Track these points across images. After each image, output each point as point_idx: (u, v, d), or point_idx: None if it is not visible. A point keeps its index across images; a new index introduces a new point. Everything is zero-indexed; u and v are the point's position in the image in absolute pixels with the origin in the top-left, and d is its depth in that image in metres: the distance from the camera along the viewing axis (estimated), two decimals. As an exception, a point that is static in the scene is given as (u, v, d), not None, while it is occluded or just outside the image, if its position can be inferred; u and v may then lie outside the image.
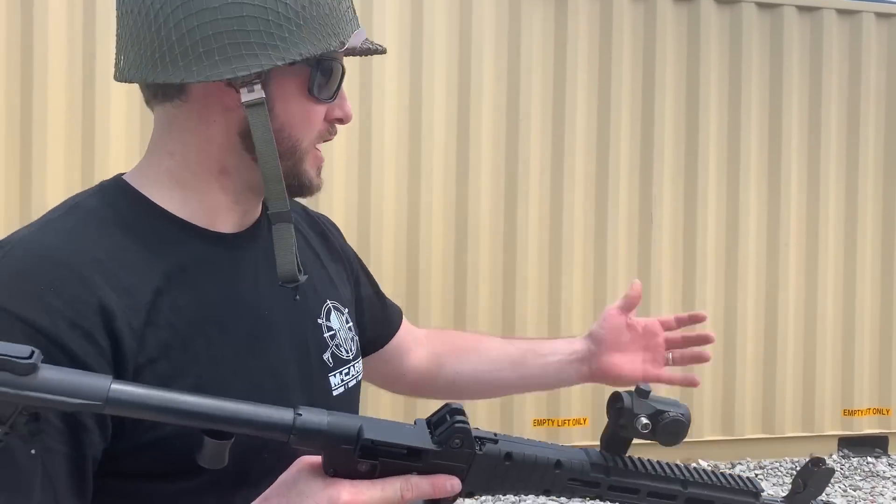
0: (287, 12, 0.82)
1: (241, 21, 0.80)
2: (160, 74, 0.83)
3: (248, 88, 0.83)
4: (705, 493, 0.93)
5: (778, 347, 4.90)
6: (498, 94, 4.50)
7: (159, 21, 0.81)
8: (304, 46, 0.83)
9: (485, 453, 0.80)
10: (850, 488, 4.55)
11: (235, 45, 0.81)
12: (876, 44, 5.05)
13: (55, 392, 0.63)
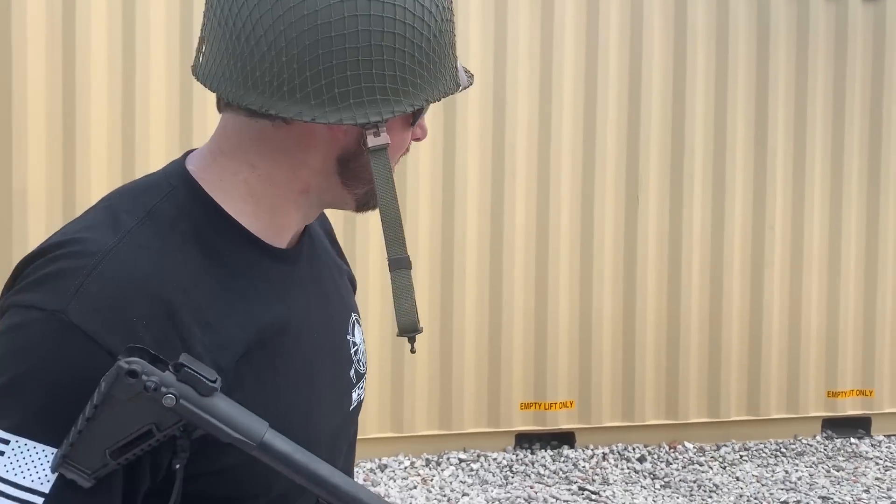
0: (421, 56, 0.78)
1: (381, 64, 0.76)
2: (264, 101, 0.76)
3: (374, 133, 0.78)
4: None
5: (763, 330, 4.93)
6: (484, 86, 4.48)
7: (292, 52, 0.74)
8: (430, 91, 0.80)
9: None
10: (833, 469, 4.60)
11: (371, 90, 0.76)
12: (861, 28, 5.06)
13: (220, 420, 0.69)
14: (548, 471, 4.40)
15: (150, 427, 0.68)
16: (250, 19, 0.74)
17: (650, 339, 4.76)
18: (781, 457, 4.77)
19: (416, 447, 4.44)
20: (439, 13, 0.79)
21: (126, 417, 0.67)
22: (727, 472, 4.50)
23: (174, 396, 0.67)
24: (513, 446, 4.62)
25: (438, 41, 0.80)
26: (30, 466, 0.67)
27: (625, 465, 4.54)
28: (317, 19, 0.73)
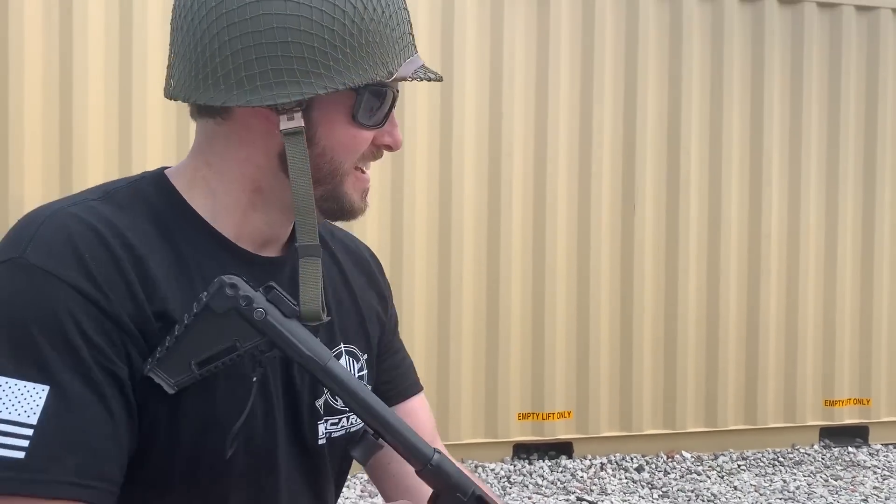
0: (334, 39, 0.81)
1: (286, 46, 0.80)
2: (202, 95, 0.83)
3: (287, 116, 0.83)
4: None
5: (759, 338, 4.93)
6: (480, 93, 4.49)
7: (205, 40, 0.82)
8: (348, 75, 0.82)
9: None
10: (831, 478, 4.60)
11: (278, 72, 0.80)
12: (856, 37, 5.09)
13: (297, 340, 0.78)
14: (546, 481, 4.39)
15: (235, 342, 0.77)
16: (184, 22, 0.84)
17: (647, 348, 4.76)
18: (779, 466, 4.76)
19: (414, 458, 4.42)
20: (366, 2, 0.82)
21: (215, 332, 0.77)
22: (725, 482, 4.49)
23: (263, 311, 0.77)
24: (510, 457, 4.61)
25: (361, 28, 0.82)
26: (14, 402, 0.70)
27: (623, 475, 4.53)
28: (225, 7, 0.80)
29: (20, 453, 0.69)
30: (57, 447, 0.71)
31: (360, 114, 0.85)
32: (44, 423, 0.70)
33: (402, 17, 0.86)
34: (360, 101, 0.85)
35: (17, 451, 0.69)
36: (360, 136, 0.87)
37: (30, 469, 0.69)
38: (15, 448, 0.69)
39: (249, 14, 0.80)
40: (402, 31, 0.86)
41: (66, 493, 0.71)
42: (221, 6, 0.81)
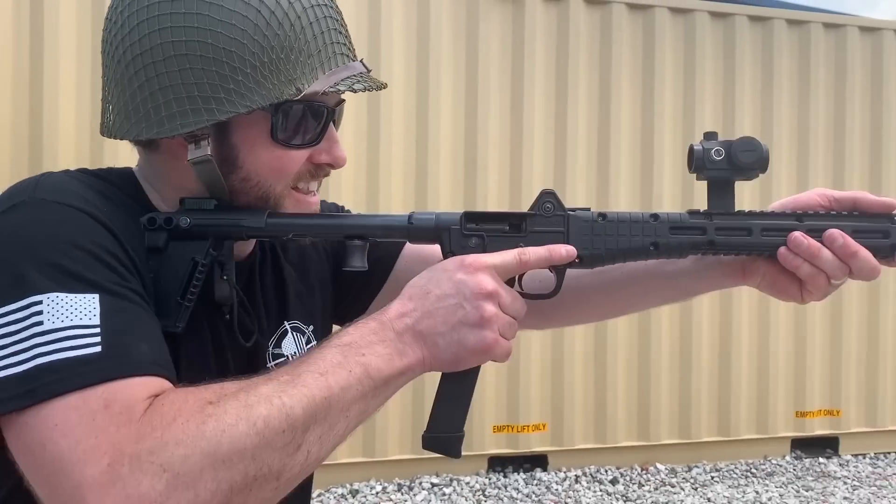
0: (233, 61, 0.80)
1: (186, 74, 0.80)
2: (118, 130, 0.85)
3: (195, 145, 0.83)
4: (827, 223, 0.88)
5: (732, 351, 4.97)
6: (456, 97, 4.50)
7: (117, 75, 0.84)
8: (251, 98, 0.81)
9: (577, 214, 0.88)
10: (802, 489, 4.64)
11: (180, 100, 0.80)
12: (824, 52, 5.19)
13: (231, 216, 0.89)
14: (521, 494, 4.37)
15: (192, 258, 0.85)
16: (105, 58, 0.86)
17: (621, 360, 4.78)
18: (752, 477, 4.79)
19: (388, 472, 4.39)
20: (269, 20, 0.81)
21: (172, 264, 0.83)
22: (699, 494, 4.51)
23: (187, 219, 0.86)
24: (486, 470, 4.59)
25: (263, 46, 0.81)
26: (72, 311, 0.71)
27: (597, 488, 4.53)
28: (130, 40, 0.82)
29: (96, 348, 0.71)
30: (128, 337, 0.73)
31: (280, 134, 0.84)
32: (107, 320, 0.72)
33: (323, 27, 0.84)
34: (277, 121, 0.84)
35: (92, 347, 0.71)
36: (287, 157, 0.87)
37: (112, 357, 0.71)
38: (89, 346, 0.71)
39: (150, 44, 0.80)
40: (324, 42, 0.84)
41: (154, 371, 0.73)
42: (126, 39, 0.82)
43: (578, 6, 4.72)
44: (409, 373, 0.82)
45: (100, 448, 0.66)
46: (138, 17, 0.81)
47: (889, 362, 5.24)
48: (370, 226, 0.90)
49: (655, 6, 4.86)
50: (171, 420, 0.68)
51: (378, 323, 0.82)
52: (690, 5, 4.95)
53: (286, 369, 0.76)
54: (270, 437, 0.70)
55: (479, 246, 0.88)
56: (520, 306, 0.86)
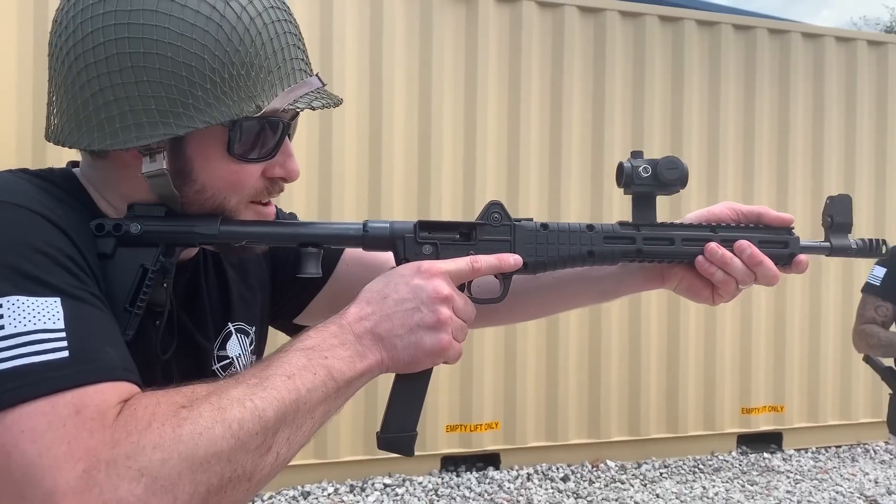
0: (192, 76, 0.79)
1: (144, 86, 0.78)
2: (68, 138, 0.82)
3: (150, 158, 0.82)
4: (737, 234, 0.99)
5: (680, 350, 5.07)
6: (410, 100, 4.50)
7: (68, 82, 0.81)
8: (210, 113, 0.80)
9: (522, 224, 0.95)
10: (747, 483, 4.75)
11: (136, 112, 0.79)
12: (769, 57, 5.32)
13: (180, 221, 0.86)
14: (473, 493, 4.40)
15: (142, 264, 0.83)
16: (53, 62, 0.84)
17: (572, 360, 4.84)
18: (699, 473, 4.90)
19: (340, 473, 4.37)
20: (230, 35, 0.80)
21: (121, 270, 0.82)
22: (648, 490, 4.59)
23: (137, 225, 0.84)
24: (438, 469, 4.60)
25: (224, 62, 0.79)
26: (35, 315, 0.70)
27: (549, 485, 4.57)
28: (83, 47, 0.79)
29: (63, 353, 0.69)
30: (95, 342, 0.72)
31: (237, 149, 0.84)
32: (71, 325, 0.71)
33: (282, 43, 0.84)
34: (235, 137, 0.83)
35: (59, 352, 0.69)
36: (243, 172, 0.86)
37: (80, 362, 0.70)
38: (56, 350, 0.69)
39: (105, 54, 0.78)
40: (283, 58, 0.84)
41: (122, 376, 0.72)
42: (79, 46, 0.79)
43: (531, 8, 4.76)
44: (369, 374, 0.84)
45: (73, 454, 0.65)
46: (92, 25, 0.79)
47: (829, 360, 5.41)
48: (325, 234, 0.92)
49: (606, 9, 4.93)
50: (147, 424, 0.68)
51: (338, 326, 0.83)
52: (640, 9, 5.04)
53: (252, 372, 0.77)
54: (245, 440, 0.71)
55: (433, 253, 0.92)
56: (471, 310, 0.90)
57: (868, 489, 4.74)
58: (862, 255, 1.04)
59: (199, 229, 0.86)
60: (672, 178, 0.96)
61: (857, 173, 5.49)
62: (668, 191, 0.97)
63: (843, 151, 5.48)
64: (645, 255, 0.98)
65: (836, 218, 1.04)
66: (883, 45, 5.62)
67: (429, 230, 0.92)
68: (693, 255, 0.98)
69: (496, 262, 0.92)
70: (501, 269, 0.93)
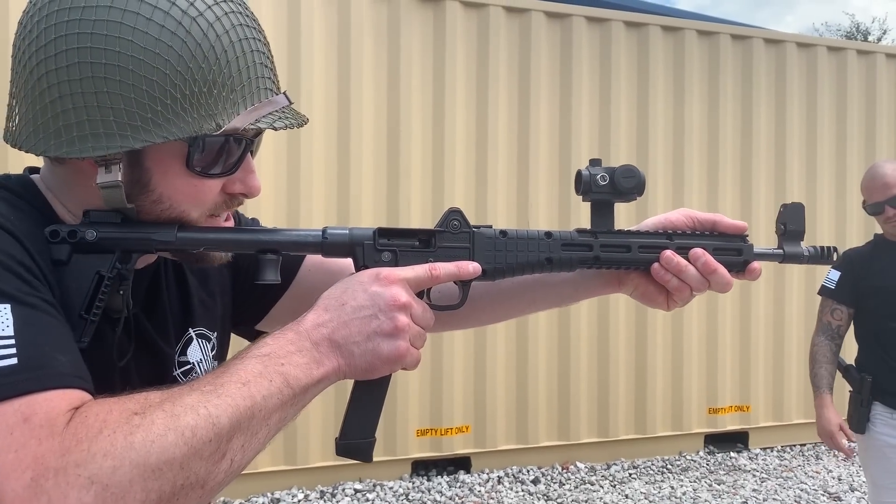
0: (154, 91, 0.78)
1: (103, 97, 0.77)
2: (25, 142, 0.82)
3: (105, 168, 0.81)
4: (693, 242, 1.01)
5: (648, 351, 5.13)
6: (378, 105, 4.50)
7: (28, 85, 0.80)
8: (169, 129, 0.79)
9: (481, 231, 0.96)
10: (715, 483, 4.81)
11: (94, 122, 0.78)
12: (732, 62, 5.41)
13: (138, 229, 0.85)
14: (444, 497, 4.40)
15: (97, 271, 0.82)
16: (14, 63, 0.83)
17: (542, 362, 4.86)
18: (668, 473, 4.95)
19: (311, 479, 4.35)
20: (194, 51, 0.79)
21: (77, 277, 0.81)
22: (617, 491, 4.63)
23: (93, 232, 0.83)
24: (409, 474, 4.60)
25: (186, 78, 0.79)
26: None
27: (519, 488, 4.59)
28: (45, 53, 0.79)
29: (12, 360, 0.69)
30: (45, 348, 0.71)
31: (196, 163, 0.83)
32: (21, 331, 0.70)
33: (249, 61, 0.83)
34: (194, 152, 0.82)
35: (7, 359, 0.69)
36: (203, 186, 0.86)
37: (29, 369, 0.69)
38: (4, 357, 0.69)
39: (67, 62, 0.77)
40: (249, 76, 0.83)
41: (72, 383, 0.71)
42: (41, 52, 0.78)
43: (498, 13, 4.79)
44: (326, 381, 0.84)
45: (21, 462, 0.65)
46: (56, 31, 0.78)
47: (794, 359, 5.50)
48: (284, 241, 0.91)
49: (573, 15, 4.97)
50: (97, 432, 0.67)
51: (295, 333, 0.83)
52: (606, 15, 5.09)
53: (207, 379, 0.76)
54: (198, 447, 0.71)
55: (392, 260, 0.92)
56: (430, 317, 0.91)
57: (832, 486, 4.83)
58: (814, 261, 1.06)
59: (156, 236, 0.85)
60: (629, 187, 0.97)
61: (818, 175, 5.60)
62: (626, 198, 0.98)
63: (804, 154, 5.58)
64: (602, 261, 0.99)
65: (790, 226, 1.05)
66: (842, 51, 5.74)
67: (388, 237, 0.93)
68: (649, 263, 1.00)
69: (455, 269, 0.93)
70: (460, 277, 0.93)
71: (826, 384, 2.86)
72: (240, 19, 0.83)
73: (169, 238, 0.85)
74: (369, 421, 0.91)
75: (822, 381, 2.86)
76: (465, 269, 0.93)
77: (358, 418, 0.90)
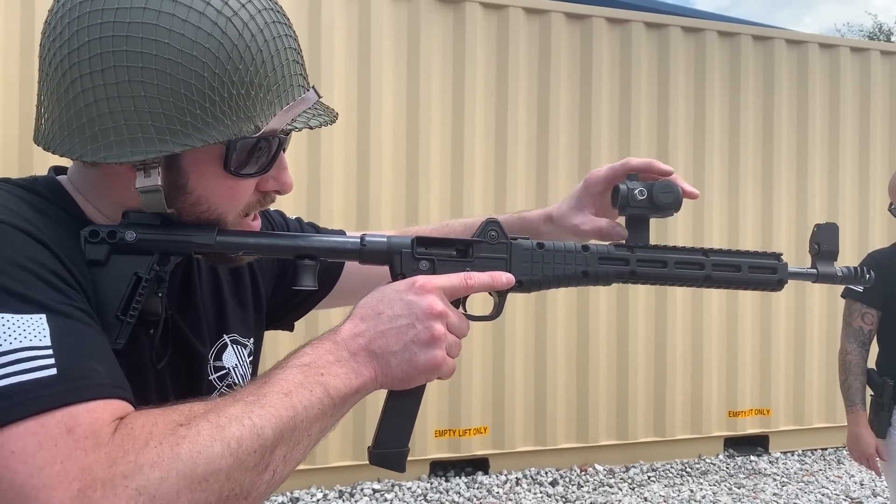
0: (192, 94, 0.77)
1: (141, 101, 0.76)
2: (60, 146, 0.80)
3: (144, 173, 0.80)
4: (728, 258, 1.01)
5: (667, 353, 5.10)
6: (398, 107, 4.52)
7: (61, 89, 0.78)
8: (208, 132, 0.78)
9: (518, 242, 0.96)
10: (734, 486, 4.78)
11: (132, 127, 0.77)
12: (753, 62, 5.37)
13: (180, 231, 0.85)
14: (462, 498, 4.40)
15: (135, 273, 0.82)
16: (46, 66, 0.81)
17: (560, 364, 4.85)
18: (687, 476, 4.92)
19: (330, 479, 4.37)
20: (231, 52, 0.78)
21: (114, 278, 0.81)
22: (636, 494, 4.61)
23: (133, 233, 0.83)
24: (427, 474, 4.60)
25: (224, 81, 0.78)
26: (20, 333, 0.69)
27: (537, 490, 4.59)
28: (79, 56, 0.77)
29: (52, 370, 0.68)
30: (83, 358, 0.71)
31: (233, 165, 0.83)
32: (58, 341, 0.70)
33: (283, 59, 0.83)
34: (231, 154, 0.82)
35: (47, 369, 0.68)
36: (238, 187, 0.86)
37: (69, 379, 0.69)
38: (44, 368, 0.68)
39: (102, 65, 0.76)
40: (283, 74, 0.83)
41: (113, 393, 0.71)
42: (75, 55, 0.77)
43: (518, 14, 4.79)
44: (364, 391, 0.84)
45: (67, 473, 0.64)
46: (89, 34, 0.76)
47: (815, 363, 5.45)
48: (322, 247, 0.91)
49: (593, 16, 4.96)
50: (144, 443, 0.67)
51: (333, 343, 0.83)
52: (626, 16, 5.08)
53: (249, 389, 0.76)
54: (243, 458, 0.71)
55: (430, 269, 0.92)
56: (465, 327, 0.90)
57: (853, 491, 4.78)
58: (847, 282, 1.06)
59: (196, 239, 0.85)
60: (667, 202, 0.98)
61: (841, 176, 5.55)
62: (663, 214, 0.98)
63: (826, 155, 5.53)
64: (638, 276, 0.99)
65: (824, 246, 1.04)
66: (866, 52, 5.68)
67: (426, 246, 0.93)
68: (685, 279, 1.00)
69: (489, 280, 0.93)
70: (494, 287, 0.94)
71: (860, 398, 2.76)
72: (272, 16, 0.82)
73: (209, 241, 0.85)
74: (403, 430, 0.91)
75: (857, 396, 2.76)
76: (498, 279, 0.93)
77: (392, 427, 0.90)
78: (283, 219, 1.17)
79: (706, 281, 1.00)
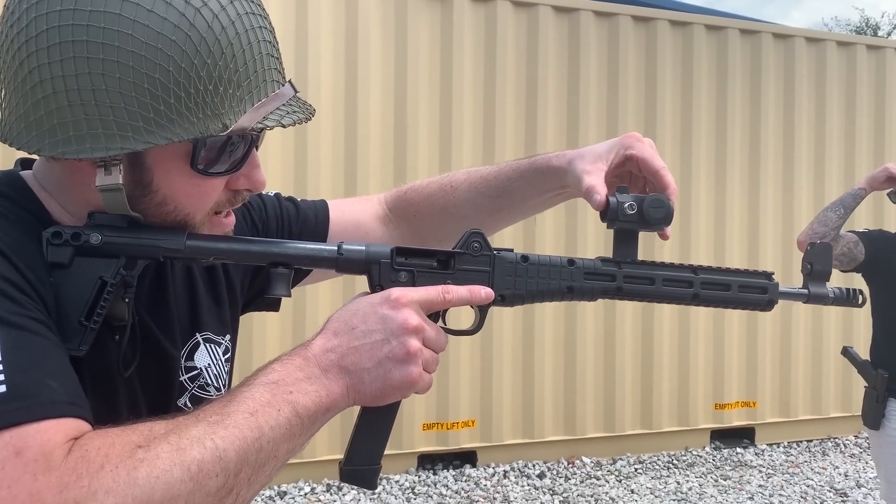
0: (156, 89, 0.72)
1: (102, 94, 0.71)
2: (17, 139, 0.75)
3: (105, 171, 0.76)
4: (718, 277, 0.98)
5: (654, 347, 5.12)
6: (385, 101, 4.50)
7: (18, 79, 0.74)
8: (173, 130, 0.73)
9: (502, 255, 0.92)
10: (720, 478, 4.81)
11: (93, 122, 0.72)
12: (741, 56, 5.39)
13: (146, 235, 0.82)
14: (450, 490, 4.41)
15: (100, 276, 0.78)
16: (14, 61, 0.76)
17: (548, 357, 4.86)
18: (673, 468, 4.95)
19: (317, 472, 4.36)
20: (199, 46, 0.74)
21: (77, 281, 0.77)
22: (623, 486, 4.63)
23: (98, 235, 0.79)
24: (415, 468, 4.61)
25: (191, 76, 0.73)
26: None
27: (525, 482, 4.60)
28: (37, 45, 0.72)
29: (0, 388, 0.64)
30: (35, 374, 0.67)
31: (200, 162, 0.78)
32: (9, 355, 0.66)
33: (255, 52, 0.78)
34: (199, 152, 0.78)
35: None
36: (206, 186, 0.81)
37: (19, 397, 0.64)
38: None
39: (61, 56, 0.71)
40: (255, 69, 0.78)
41: (67, 412, 0.67)
42: (32, 43, 0.72)
43: (506, 8, 4.78)
44: (335, 409, 0.81)
45: (15, 499, 0.61)
46: (48, 21, 0.71)
47: (801, 356, 5.49)
48: (296, 255, 0.87)
49: (580, 9, 4.96)
50: (99, 467, 0.63)
51: (303, 359, 0.80)
52: (614, 10, 5.08)
53: (214, 408, 0.73)
54: (204, 482, 0.67)
55: (409, 281, 0.88)
56: (443, 341, 0.87)
57: (838, 482, 4.82)
58: (838, 303, 1.03)
59: (164, 244, 0.81)
60: (657, 217, 0.93)
61: (827, 170, 5.58)
62: (653, 229, 0.95)
63: (812, 149, 5.56)
64: (624, 293, 0.95)
65: (816, 266, 1.02)
66: (852, 46, 5.71)
67: (405, 256, 0.89)
68: (673, 297, 0.96)
69: (467, 294, 0.88)
70: (472, 302, 0.89)
71: None
72: (245, 6, 0.77)
73: (178, 246, 0.82)
74: (376, 447, 0.87)
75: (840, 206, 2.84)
76: (477, 294, 0.89)
77: (364, 445, 0.86)
78: (259, 198, 1.12)
79: (694, 299, 0.96)
